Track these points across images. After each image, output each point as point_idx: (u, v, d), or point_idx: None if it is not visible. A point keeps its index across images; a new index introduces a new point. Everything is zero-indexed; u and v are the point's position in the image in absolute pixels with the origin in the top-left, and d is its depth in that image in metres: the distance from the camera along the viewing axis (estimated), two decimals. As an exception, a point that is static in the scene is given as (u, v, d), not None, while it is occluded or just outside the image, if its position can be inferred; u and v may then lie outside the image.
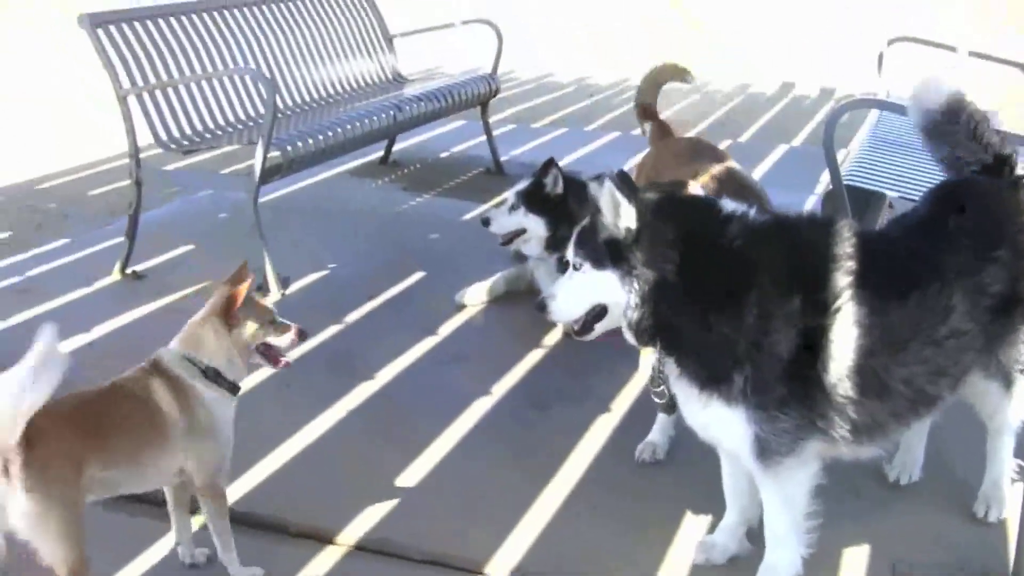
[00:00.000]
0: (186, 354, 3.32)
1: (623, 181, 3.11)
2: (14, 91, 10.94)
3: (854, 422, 3.13)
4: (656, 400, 3.41)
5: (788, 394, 3.07)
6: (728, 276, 3.07)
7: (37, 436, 2.85)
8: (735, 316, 3.03)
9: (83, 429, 3.04)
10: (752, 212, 3.15)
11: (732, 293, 3.05)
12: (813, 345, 3.04)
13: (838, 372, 3.05)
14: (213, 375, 3.32)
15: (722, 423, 3.17)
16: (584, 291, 3.23)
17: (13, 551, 2.97)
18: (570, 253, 3.26)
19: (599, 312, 3.24)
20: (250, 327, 3.38)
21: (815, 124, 10.52)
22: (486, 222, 5.72)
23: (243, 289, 3.32)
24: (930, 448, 4.02)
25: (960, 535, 3.71)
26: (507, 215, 5.64)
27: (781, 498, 3.25)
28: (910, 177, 5.11)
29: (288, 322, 3.48)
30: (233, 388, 3.38)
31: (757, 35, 13.78)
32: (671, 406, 4.15)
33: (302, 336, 3.50)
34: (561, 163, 5.52)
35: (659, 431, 4.24)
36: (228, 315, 3.34)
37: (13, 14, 13.36)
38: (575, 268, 3.24)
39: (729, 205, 3.17)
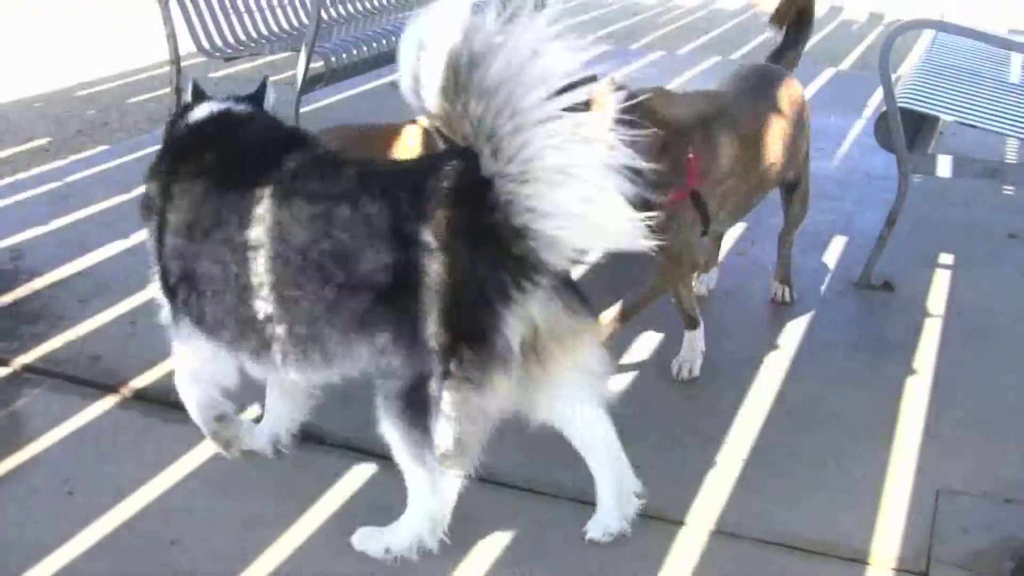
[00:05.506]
0: None
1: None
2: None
3: None
4: None
5: None
6: None
7: None
8: None
9: None
10: None
11: None
12: None
13: None
14: None
15: None
16: None
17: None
18: None
19: None
20: None
21: (863, 48, 10.35)
22: None
23: None
24: (977, 376, 3.98)
25: (1007, 465, 3.64)
26: None
27: None
28: (967, 101, 4.99)
29: None
30: None
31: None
32: (694, 321, 4.14)
33: None
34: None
35: (688, 347, 4.19)
36: None
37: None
38: None
39: None
